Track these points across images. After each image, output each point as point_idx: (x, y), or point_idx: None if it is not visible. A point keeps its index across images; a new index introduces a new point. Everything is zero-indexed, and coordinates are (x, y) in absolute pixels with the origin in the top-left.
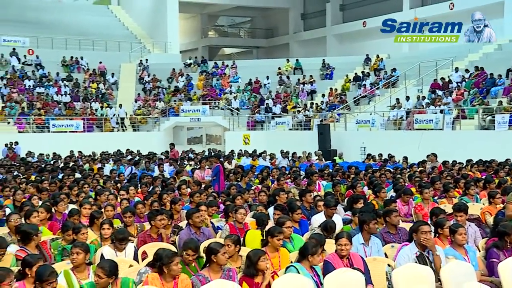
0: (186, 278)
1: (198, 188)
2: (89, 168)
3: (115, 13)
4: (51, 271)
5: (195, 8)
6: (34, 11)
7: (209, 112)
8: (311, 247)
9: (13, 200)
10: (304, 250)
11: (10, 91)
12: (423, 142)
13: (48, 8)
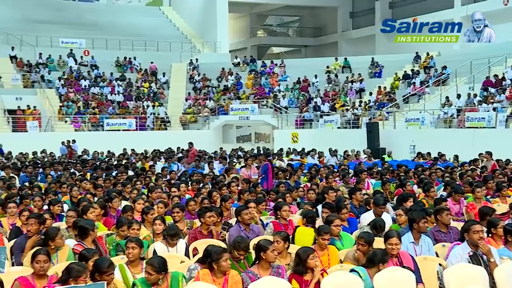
0: (236, 275)
1: (247, 186)
2: (141, 165)
3: (167, 14)
4: (110, 263)
5: (244, 8)
6: (90, 14)
7: (258, 110)
8: (381, 256)
9: (70, 197)
10: (373, 257)
11: (67, 91)
12: (475, 140)
13: (103, 10)
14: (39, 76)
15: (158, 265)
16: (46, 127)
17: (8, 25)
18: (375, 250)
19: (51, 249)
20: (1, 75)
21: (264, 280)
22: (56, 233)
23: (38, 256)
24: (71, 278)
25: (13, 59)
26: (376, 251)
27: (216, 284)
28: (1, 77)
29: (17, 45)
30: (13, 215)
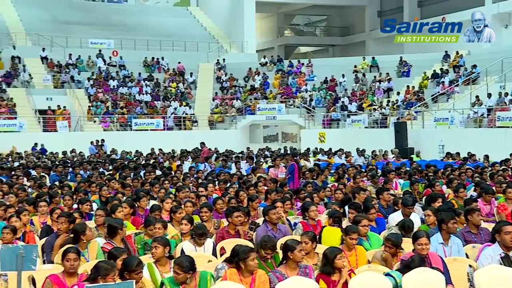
0: (264, 274)
1: (274, 185)
2: (168, 165)
3: (194, 14)
4: (139, 262)
5: (272, 8)
6: (118, 15)
7: (285, 110)
8: (419, 262)
9: (100, 196)
10: (411, 263)
11: (96, 91)
12: (507, 140)
13: (132, 11)
14: (69, 76)
15: (185, 264)
16: (76, 127)
17: (40, 26)
18: (413, 256)
19: (82, 243)
20: (32, 76)
21: (291, 280)
22: (85, 227)
23: (68, 254)
24: (100, 276)
25: (44, 60)
26: (414, 257)
27: (243, 284)
28: (33, 77)
29: (48, 46)
30: (44, 213)
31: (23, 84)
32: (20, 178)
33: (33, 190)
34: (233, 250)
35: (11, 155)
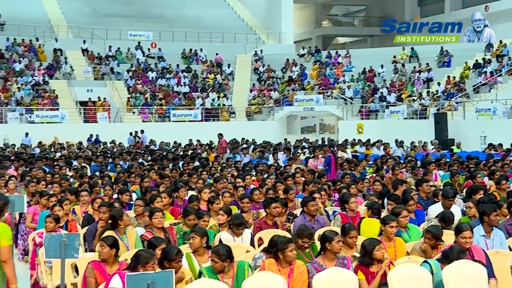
0: (302, 265)
1: (312, 176)
2: (206, 156)
3: (232, 5)
4: (177, 251)
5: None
6: (157, 7)
7: (322, 101)
8: (458, 253)
9: (141, 187)
10: (450, 253)
11: (135, 83)
12: None
13: (170, 3)
14: (108, 68)
15: (222, 252)
16: (115, 118)
17: (80, 19)
18: (453, 246)
19: (121, 228)
20: (73, 68)
21: (329, 271)
22: (122, 212)
23: (98, 243)
24: (139, 264)
25: (85, 52)
26: (453, 247)
27: (281, 274)
28: (74, 69)
29: (88, 38)
30: (85, 203)
31: (64, 76)
32: (63, 168)
33: (74, 180)
34: (272, 240)
35: (53, 146)
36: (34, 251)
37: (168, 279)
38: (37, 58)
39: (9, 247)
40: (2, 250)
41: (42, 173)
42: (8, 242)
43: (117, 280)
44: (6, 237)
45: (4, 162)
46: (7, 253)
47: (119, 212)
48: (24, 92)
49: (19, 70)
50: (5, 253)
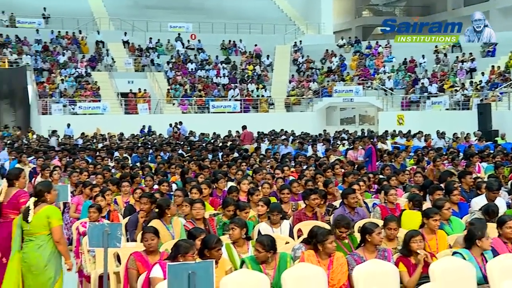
0: (342, 257)
1: (351, 168)
2: (245, 147)
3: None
4: (217, 239)
5: None
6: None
7: (362, 92)
8: (476, 231)
9: (181, 177)
10: (470, 235)
11: (175, 74)
12: None
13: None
14: (149, 60)
15: (267, 242)
16: (155, 109)
17: (122, 11)
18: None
19: (167, 217)
20: (115, 60)
21: (369, 263)
22: (169, 201)
23: (146, 234)
24: (179, 254)
25: (126, 44)
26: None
27: (321, 266)
28: (115, 61)
29: (129, 30)
30: (126, 193)
31: (106, 68)
32: (105, 159)
33: (116, 170)
34: (311, 231)
35: (95, 137)
36: (78, 240)
37: (208, 269)
38: (80, 50)
39: (59, 227)
40: (54, 230)
41: (85, 164)
42: (59, 223)
43: (158, 270)
44: (57, 218)
45: (49, 152)
46: (58, 233)
47: (166, 201)
48: (67, 84)
49: (63, 62)
50: (57, 233)
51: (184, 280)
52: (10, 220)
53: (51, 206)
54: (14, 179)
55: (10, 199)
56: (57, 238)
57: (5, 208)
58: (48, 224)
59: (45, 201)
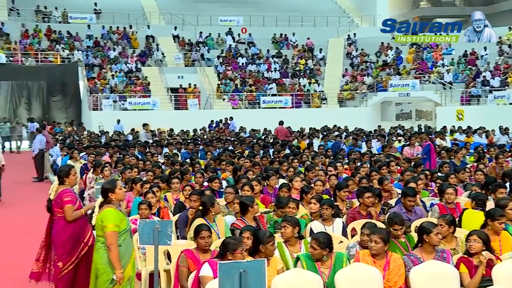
0: (398, 258)
1: (407, 165)
2: (297, 144)
3: None
4: (270, 234)
5: None
6: None
7: (419, 86)
8: None
9: (233, 174)
10: None
11: (225, 69)
12: None
13: None
14: (199, 54)
15: (323, 240)
16: (205, 105)
17: (172, 5)
18: None
19: (211, 215)
20: (165, 54)
21: (427, 264)
22: (213, 199)
23: (202, 232)
24: (228, 251)
25: (176, 38)
26: None
27: (376, 266)
28: (165, 56)
29: (179, 24)
30: (176, 190)
31: (156, 63)
32: (155, 156)
33: (166, 167)
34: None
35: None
36: None
37: (260, 268)
38: (130, 45)
39: (112, 233)
40: (106, 235)
41: (135, 160)
42: (113, 228)
43: (207, 268)
44: (112, 223)
45: (100, 148)
46: (110, 238)
47: (211, 199)
48: (118, 80)
49: (113, 58)
50: (109, 238)
51: (236, 279)
52: (58, 218)
53: (108, 210)
54: (64, 176)
55: (56, 197)
56: (108, 243)
57: (54, 206)
58: (103, 228)
59: (110, 202)
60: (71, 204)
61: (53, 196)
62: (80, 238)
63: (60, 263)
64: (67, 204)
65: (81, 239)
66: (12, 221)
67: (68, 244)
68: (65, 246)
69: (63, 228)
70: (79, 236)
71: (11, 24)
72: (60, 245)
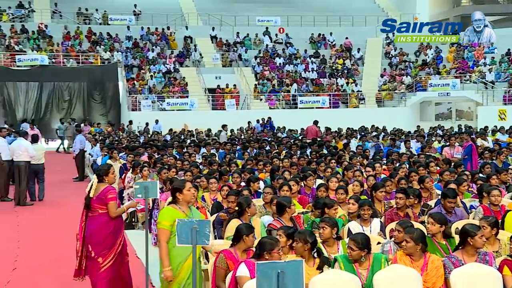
0: (438, 260)
1: (447, 166)
2: (334, 144)
3: None
4: (310, 233)
5: None
6: None
7: (459, 86)
8: None
9: (271, 174)
10: None
11: (262, 69)
12: None
13: None
14: (236, 55)
15: (361, 241)
16: (243, 105)
17: (210, 6)
18: None
19: (247, 216)
20: (203, 55)
21: (469, 266)
22: (250, 200)
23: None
24: (265, 251)
25: (213, 39)
26: None
27: (414, 267)
28: (203, 56)
29: (217, 25)
30: (214, 190)
31: (194, 64)
32: (193, 155)
33: (203, 167)
34: None
35: (183, 133)
36: None
37: (298, 268)
38: (168, 46)
39: (162, 230)
40: (157, 231)
41: (173, 160)
42: (163, 226)
43: (244, 268)
44: (164, 221)
45: (138, 149)
46: (159, 234)
47: (247, 200)
48: (156, 80)
49: (152, 59)
50: (158, 234)
51: (273, 279)
52: (98, 214)
53: (166, 208)
54: (103, 175)
55: (99, 194)
56: (158, 239)
57: (94, 202)
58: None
59: (177, 202)
60: (115, 201)
61: (93, 193)
62: (118, 235)
63: (100, 259)
64: (112, 200)
65: (118, 236)
66: (55, 220)
67: (108, 239)
68: (106, 242)
69: (104, 225)
70: (117, 234)
71: (54, 26)
72: (100, 241)
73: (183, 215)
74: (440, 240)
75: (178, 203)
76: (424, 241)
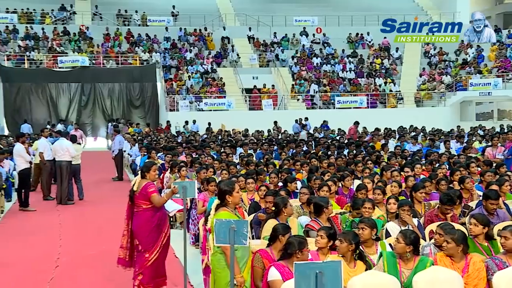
0: (479, 261)
1: (488, 168)
2: (372, 144)
3: None
4: (355, 234)
5: None
6: None
7: (501, 85)
8: None
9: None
10: None
11: (299, 69)
12: None
13: None
14: (273, 55)
15: (409, 236)
16: (280, 105)
17: (247, 6)
18: None
19: (283, 216)
20: (240, 55)
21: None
22: (286, 201)
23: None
24: (297, 250)
25: (251, 39)
26: None
27: (454, 269)
28: (240, 57)
29: (254, 25)
30: (251, 190)
31: (231, 64)
32: (230, 156)
33: (240, 167)
34: None
35: (220, 133)
36: (205, 237)
37: (336, 269)
38: (206, 47)
39: None
40: None
41: (210, 160)
42: None
43: (274, 271)
44: None
45: (176, 149)
46: None
47: (284, 200)
48: (194, 81)
49: (190, 59)
50: None
51: (312, 280)
52: (142, 210)
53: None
54: (146, 171)
55: (140, 190)
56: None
57: (137, 198)
58: None
59: (226, 205)
60: (156, 193)
61: (136, 187)
62: (162, 229)
63: (147, 254)
64: (153, 193)
65: (162, 229)
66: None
67: (152, 234)
68: (150, 237)
69: (147, 220)
70: (161, 227)
71: (95, 28)
72: (145, 237)
73: (238, 218)
74: (482, 242)
75: (228, 205)
76: (466, 243)
